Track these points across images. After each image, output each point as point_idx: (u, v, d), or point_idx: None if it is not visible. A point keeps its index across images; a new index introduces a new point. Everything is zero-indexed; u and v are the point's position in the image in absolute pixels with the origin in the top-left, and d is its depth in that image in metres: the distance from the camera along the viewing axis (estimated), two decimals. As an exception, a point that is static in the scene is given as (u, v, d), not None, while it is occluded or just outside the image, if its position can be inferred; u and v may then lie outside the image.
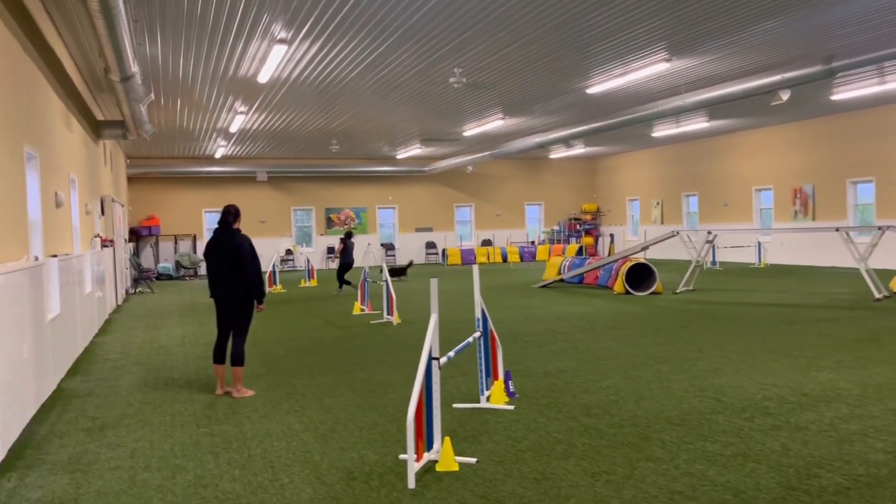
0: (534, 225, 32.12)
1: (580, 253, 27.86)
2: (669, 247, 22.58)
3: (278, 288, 18.79)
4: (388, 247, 29.44)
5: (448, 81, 13.89)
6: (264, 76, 12.68)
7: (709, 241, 15.33)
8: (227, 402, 6.62)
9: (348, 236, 17.92)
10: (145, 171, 25.14)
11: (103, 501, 4.27)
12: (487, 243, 30.68)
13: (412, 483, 4.34)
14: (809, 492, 4.06)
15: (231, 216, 7.09)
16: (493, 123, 19.44)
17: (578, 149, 25.75)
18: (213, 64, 12.07)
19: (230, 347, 7.01)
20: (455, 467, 4.63)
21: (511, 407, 6.09)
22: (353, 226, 29.10)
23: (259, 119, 17.99)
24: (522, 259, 29.11)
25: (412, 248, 30.03)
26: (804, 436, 5.08)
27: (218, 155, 25.13)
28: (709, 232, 15.46)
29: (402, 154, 26.87)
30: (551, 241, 30.92)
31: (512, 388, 6.47)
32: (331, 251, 28.87)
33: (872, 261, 13.36)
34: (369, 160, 28.29)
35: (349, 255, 17.71)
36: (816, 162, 21.39)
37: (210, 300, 7.20)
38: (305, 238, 28.96)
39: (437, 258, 29.95)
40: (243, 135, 20.62)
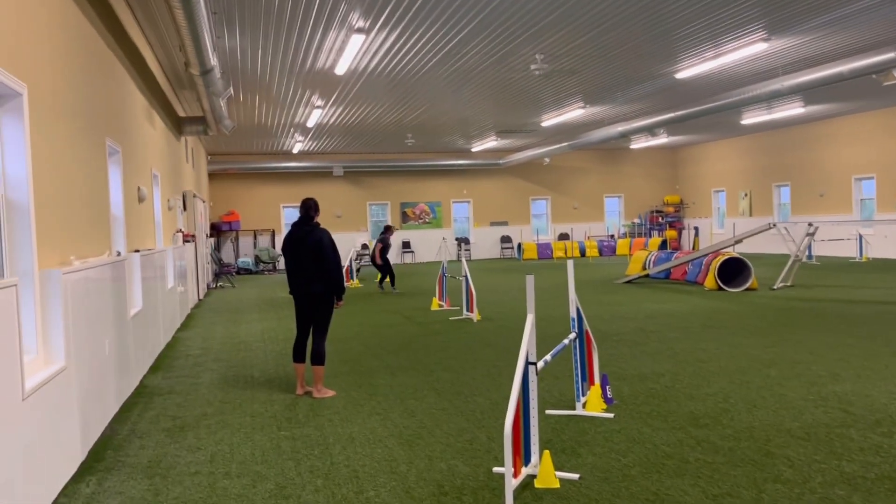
0: (613, 218, 31.16)
1: (663, 247, 26.83)
2: (759, 240, 21.41)
3: (356, 283, 18.69)
4: (463, 241, 29.10)
5: (527, 69, 13.40)
6: (341, 68, 12.48)
7: (809, 234, 14.30)
8: (308, 403, 6.37)
9: (387, 231, 17.19)
10: (225, 168, 25.56)
11: (182, 511, 4.03)
12: (564, 237, 29.95)
13: (510, 502, 3.92)
14: (983, 528, 3.44)
15: (312, 209, 6.82)
16: (573, 113, 18.79)
17: (661, 138, 24.71)
18: (291, 56, 11.94)
19: (310, 345, 6.76)
20: (556, 484, 4.19)
21: (610, 415, 5.60)
22: (429, 220, 28.86)
23: (335, 113, 17.91)
24: (601, 253, 28.26)
25: (487, 243, 29.62)
26: (959, 457, 4.41)
27: (295, 150, 25.33)
28: (809, 224, 14.43)
29: (478, 147, 26.47)
30: (632, 235, 29.92)
31: (609, 394, 5.97)
32: (407, 246, 28.76)
33: None
34: (444, 153, 28.01)
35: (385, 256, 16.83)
36: (925, 148, 19.81)
37: (289, 295, 6.97)
38: (380, 232, 28.88)
39: (513, 253, 29.43)
40: (320, 130, 20.63)
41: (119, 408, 6.41)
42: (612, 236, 30.16)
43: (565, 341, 5.36)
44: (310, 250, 6.60)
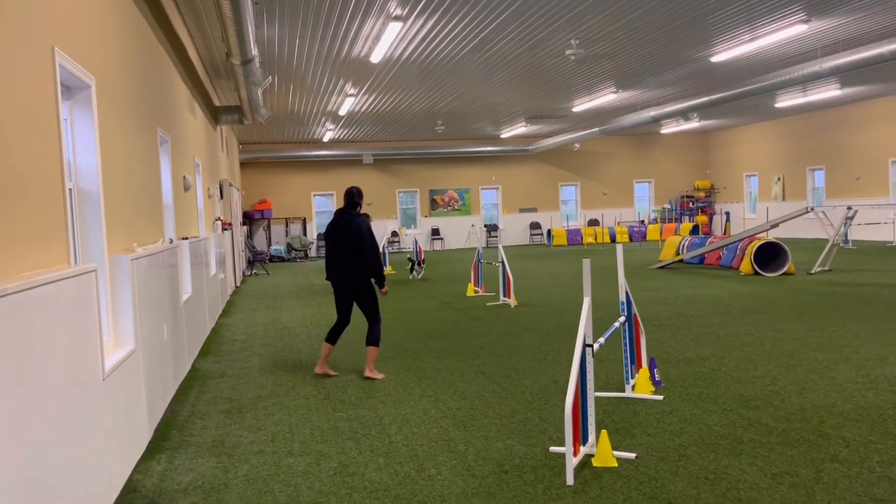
0: (643, 203, 30.98)
1: (695, 232, 26.63)
2: (794, 224, 21.18)
3: (388, 270, 18.85)
4: (492, 228, 29.14)
5: (561, 55, 13.38)
6: (377, 56, 12.56)
7: (849, 218, 14.14)
8: (359, 386, 6.51)
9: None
10: (256, 156, 25.82)
11: (253, 488, 4.18)
12: (594, 223, 29.84)
13: (571, 479, 4.02)
14: None
15: (356, 197, 6.92)
16: (605, 98, 18.70)
17: (692, 123, 24.51)
18: (328, 45, 12.04)
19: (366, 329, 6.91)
20: (613, 463, 4.27)
21: (659, 397, 5.66)
22: (457, 207, 28.95)
23: (367, 101, 18.01)
24: (632, 239, 28.13)
25: (516, 229, 29.62)
26: None
27: (326, 139, 25.50)
28: (848, 207, 14.27)
29: (507, 133, 26.43)
30: (662, 220, 29.72)
31: (657, 377, 6.03)
32: (436, 233, 28.86)
33: None
34: (473, 140, 28.01)
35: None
36: (966, 129, 19.41)
37: (325, 282, 7.10)
38: (410, 220, 29.08)
39: (542, 239, 29.40)
40: (351, 118, 20.75)
41: (176, 391, 6.61)
42: (643, 222, 29.99)
43: (616, 325, 5.42)
44: (349, 238, 6.71)
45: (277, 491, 4.12)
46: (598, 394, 5.75)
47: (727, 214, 29.44)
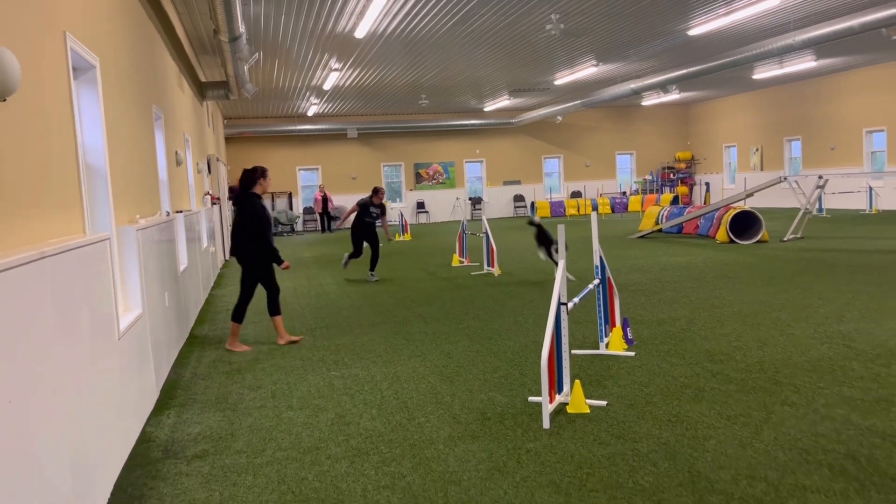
0: (625, 175, 31.41)
1: (675, 202, 27.12)
2: (770, 194, 21.68)
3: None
4: (476, 200, 29.49)
5: (542, 29, 13.64)
6: (361, 31, 12.78)
7: (819, 187, 14.64)
8: (351, 349, 6.90)
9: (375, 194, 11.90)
10: (241, 131, 25.91)
11: (257, 436, 4.57)
12: (577, 195, 30.27)
13: (547, 423, 4.44)
14: (965, 437, 3.93)
15: (249, 180, 7.18)
16: (586, 71, 18.99)
17: (672, 95, 24.84)
18: (313, 20, 12.25)
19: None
20: (586, 409, 4.70)
21: (631, 353, 6.10)
22: (442, 180, 29.24)
23: (352, 75, 18.19)
24: (614, 210, 28.60)
25: (500, 202, 29.98)
26: (950, 382, 4.89)
27: (310, 113, 25.63)
28: (819, 177, 14.75)
29: (490, 106, 26.67)
30: (644, 192, 30.20)
31: (630, 336, 6.46)
32: (421, 206, 29.14)
33: None
34: (456, 114, 28.22)
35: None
36: (937, 100, 19.94)
37: (314, 255, 7.46)
38: (395, 194, 29.35)
39: (526, 211, 29.80)
40: (335, 92, 20.91)
41: (177, 355, 6.97)
42: (624, 193, 30.45)
43: (590, 286, 5.84)
44: (246, 220, 7.07)
45: (280, 438, 4.52)
46: (575, 351, 6.18)
47: (707, 185, 29.96)
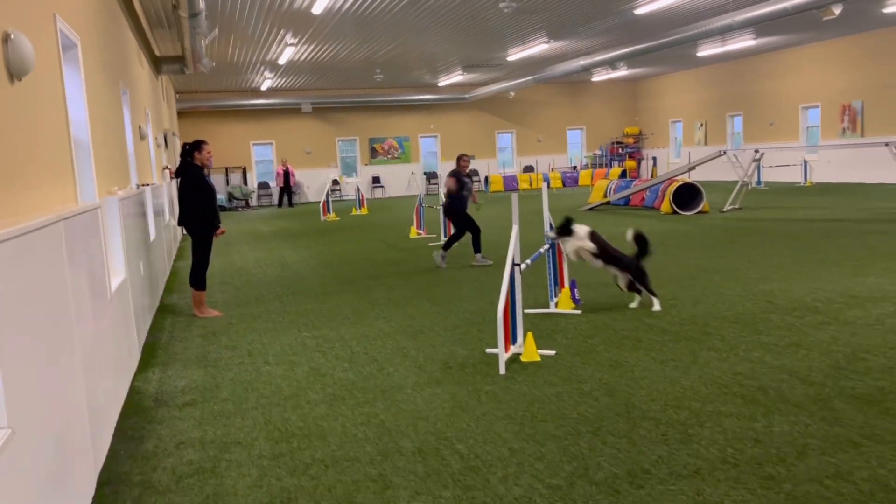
0: (576, 150, 32.17)
1: (623, 176, 27.99)
2: (714, 167, 22.63)
3: (332, 216, 19.48)
4: (431, 175, 29.89)
5: (496, 7, 14.05)
6: (318, 7, 13.01)
7: (756, 160, 15.49)
8: (321, 313, 7.33)
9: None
10: (194, 105, 25.74)
11: (240, 387, 5.01)
12: (529, 169, 30.92)
13: (503, 370, 4.98)
14: (857, 371, 4.60)
15: (186, 151, 7.55)
16: (538, 47, 19.49)
17: (621, 71, 25.53)
18: (270, -3, 12.43)
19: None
20: (537, 358, 5.26)
21: (578, 311, 6.68)
22: (397, 155, 29.53)
23: (307, 50, 18.33)
24: (565, 184, 29.34)
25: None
26: (852, 329, 5.59)
27: (264, 87, 25.58)
28: (756, 151, 15.61)
29: (444, 81, 27.00)
30: (594, 166, 31.02)
31: (577, 296, 7.05)
32: (377, 181, 29.42)
33: (921, 175, 13.45)
34: (411, 88, 28.46)
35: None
36: (866, 77, 21.04)
37: (273, 228, 7.84)
38: (350, 168, 29.54)
39: (480, 185, 30.33)
40: (290, 67, 20.99)
41: (151, 321, 7.31)
42: (575, 168, 31.22)
43: (541, 250, 6.39)
44: (184, 190, 7.47)
45: (261, 389, 4.96)
46: (528, 310, 6.73)
47: (654, 159, 30.93)
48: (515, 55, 20.79)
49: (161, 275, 9.33)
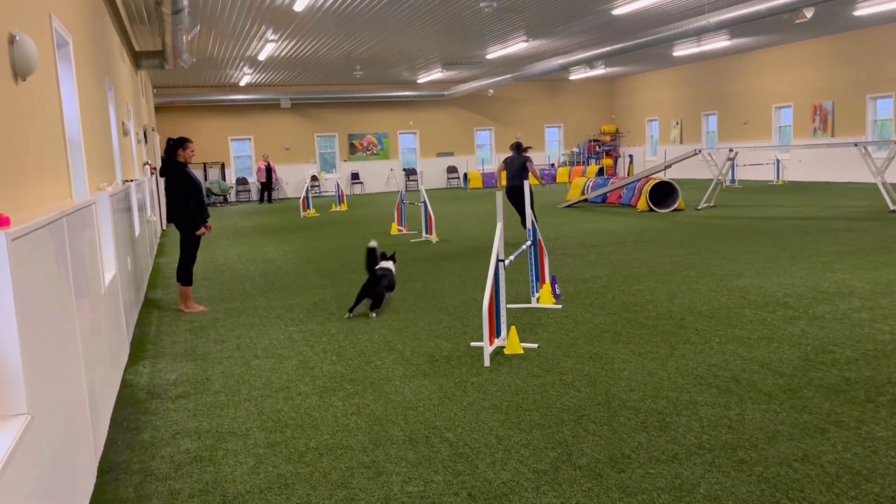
0: (553, 147, 32.45)
1: (600, 174, 28.32)
2: (690, 166, 23.02)
3: (312, 212, 19.53)
4: (410, 172, 29.99)
5: (476, 6, 14.20)
6: (300, 4, 13.06)
7: (730, 159, 15.83)
8: (305, 307, 7.45)
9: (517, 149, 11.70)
10: (171, 100, 25.56)
11: (231, 380, 5.12)
12: (507, 166, 31.10)
13: (487, 362, 5.15)
14: (825, 362, 4.84)
15: (171, 149, 7.62)
16: (517, 46, 19.68)
17: (598, 70, 25.84)
18: (253, -6, 12.47)
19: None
20: (520, 351, 5.43)
21: (559, 306, 6.87)
22: (376, 151, 29.61)
23: (287, 46, 18.34)
24: (543, 182, 29.55)
25: (434, 173, 30.56)
26: (820, 323, 5.84)
27: (243, 83, 25.49)
28: (730, 150, 15.95)
29: (424, 78, 27.10)
30: (571, 164, 31.32)
31: (558, 291, 7.24)
32: (356, 177, 29.46)
33: (889, 175, 13.87)
34: (390, 85, 28.53)
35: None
36: (837, 78, 21.53)
37: (253, 224, 7.94)
38: (329, 165, 29.55)
39: (459, 182, 30.52)
40: (269, 62, 20.96)
41: (137, 316, 7.37)
42: (553, 165, 31.50)
43: (523, 247, 6.57)
44: (170, 186, 7.54)
45: (252, 381, 5.08)
46: (510, 305, 6.91)
47: (631, 157, 31.32)
48: (494, 53, 20.97)
49: (145, 270, 9.37)
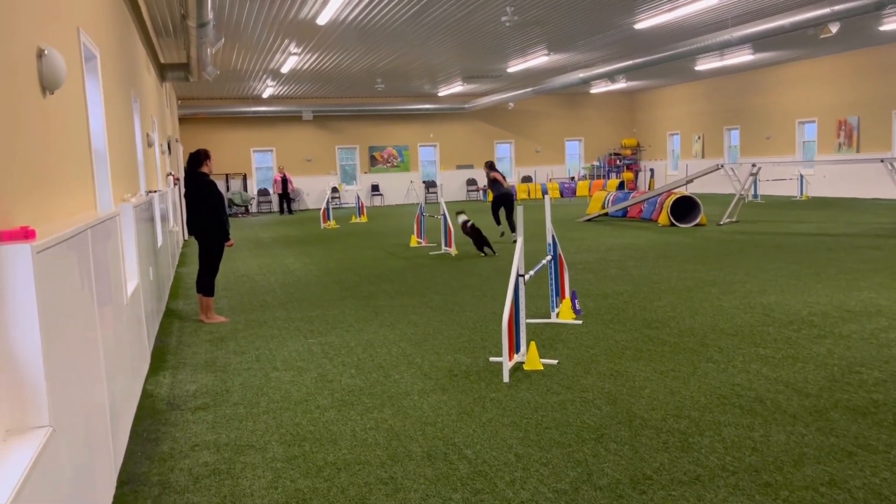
0: (574, 161, 32.38)
1: (621, 188, 28.20)
2: (711, 180, 22.84)
3: (332, 224, 19.61)
4: (430, 184, 30.05)
5: (497, 21, 14.23)
6: (323, 18, 13.18)
7: (752, 174, 15.68)
8: (325, 320, 7.46)
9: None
10: (195, 112, 25.86)
11: (250, 392, 5.13)
12: (528, 180, 31.10)
13: (507, 378, 5.11)
14: (852, 383, 4.74)
15: (196, 161, 7.65)
16: (538, 60, 19.69)
17: (619, 83, 25.81)
18: (277, 6, 12.60)
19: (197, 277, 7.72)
20: (540, 367, 5.39)
21: (579, 322, 6.82)
22: (396, 163, 29.74)
23: (310, 60, 18.50)
24: (563, 195, 29.52)
25: (453, 186, 30.60)
26: (847, 342, 5.73)
27: (265, 95, 25.74)
28: (753, 165, 15.80)
29: (444, 92, 27.20)
30: (591, 177, 31.22)
31: (578, 307, 7.19)
32: (376, 189, 29.60)
33: (916, 191, 13.64)
34: (411, 98, 28.66)
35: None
36: (862, 93, 21.29)
37: (274, 234, 7.97)
38: (349, 177, 29.69)
39: (478, 195, 30.51)
40: (292, 75, 21.15)
41: (159, 325, 7.42)
42: (573, 178, 31.42)
43: (543, 261, 6.53)
44: (196, 198, 7.56)
45: (271, 394, 5.08)
46: (529, 320, 6.86)
47: (651, 171, 31.15)
48: (515, 67, 21.00)
49: (167, 280, 9.44)
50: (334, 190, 28.31)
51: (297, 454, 3.97)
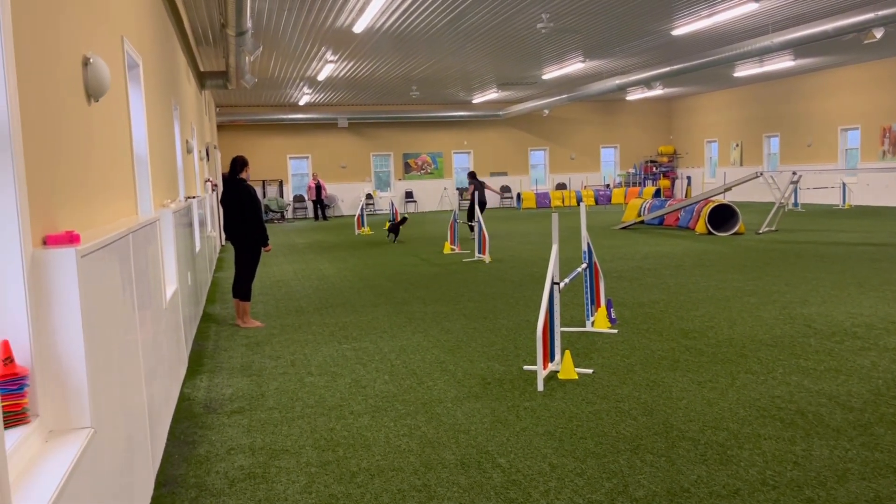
0: (609, 168, 32.13)
1: (657, 195, 27.88)
2: (750, 188, 22.49)
3: (366, 230, 19.72)
4: (464, 191, 30.05)
5: (533, 28, 14.22)
6: (360, 26, 13.30)
7: (793, 182, 15.39)
8: (358, 326, 7.49)
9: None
10: (233, 119, 26.28)
11: (285, 396, 5.17)
12: (562, 187, 30.94)
13: (541, 387, 5.07)
14: (897, 397, 4.61)
15: (237, 167, 7.73)
16: (573, 66, 19.61)
17: (656, 90, 25.57)
18: (314, 15, 12.75)
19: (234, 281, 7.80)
20: (575, 376, 5.34)
21: (614, 331, 6.74)
22: (430, 170, 29.82)
23: (346, 67, 18.68)
24: (598, 202, 29.31)
25: (487, 193, 30.52)
26: (892, 355, 5.57)
27: (302, 102, 26.04)
28: (794, 173, 15.50)
29: (479, 99, 27.23)
30: (627, 184, 30.94)
31: (613, 315, 7.11)
32: (409, 196, 29.72)
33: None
34: (445, 105, 28.75)
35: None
36: (908, 100, 20.77)
37: (308, 240, 8.02)
38: (384, 184, 29.86)
39: (512, 202, 30.45)
40: (328, 83, 21.38)
41: (196, 329, 7.53)
42: (608, 186, 31.17)
43: (578, 269, 6.48)
44: (235, 204, 7.62)
45: (306, 398, 5.11)
46: (564, 329, 6.81)
47: (688, 179, 30.76)
48: (551, 74, 20.93)
49: (204, 285, 9.58)
50: (368, 196, 28.49)
51: (331, 459, 3.99)
